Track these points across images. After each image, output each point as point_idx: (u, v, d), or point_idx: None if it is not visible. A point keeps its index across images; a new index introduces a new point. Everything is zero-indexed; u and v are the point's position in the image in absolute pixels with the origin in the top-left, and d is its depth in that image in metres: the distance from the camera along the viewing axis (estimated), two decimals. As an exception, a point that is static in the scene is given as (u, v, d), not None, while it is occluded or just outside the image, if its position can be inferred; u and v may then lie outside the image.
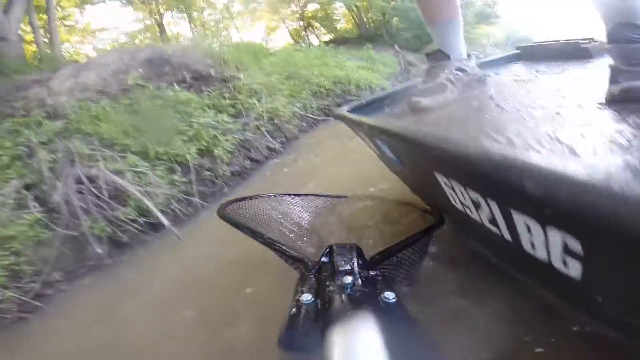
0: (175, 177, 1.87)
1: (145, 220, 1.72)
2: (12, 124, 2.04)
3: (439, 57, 1.02)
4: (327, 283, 0.33)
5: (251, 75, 3.26)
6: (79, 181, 1.72)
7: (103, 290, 1.44)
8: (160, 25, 8.85)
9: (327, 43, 9.67)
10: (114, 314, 1.22)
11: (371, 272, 0.38)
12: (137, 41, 8.40)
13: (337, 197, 0.79)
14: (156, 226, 1.73)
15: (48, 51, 4.76)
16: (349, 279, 0.33)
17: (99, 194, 1.69)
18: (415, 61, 7.69)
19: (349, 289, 0.31)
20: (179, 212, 1.77)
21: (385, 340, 0.23)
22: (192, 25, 9.55)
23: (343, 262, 0.38)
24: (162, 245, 1.67)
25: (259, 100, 2.84)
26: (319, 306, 0.31)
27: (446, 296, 0.73)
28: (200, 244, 1.61)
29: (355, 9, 11.70)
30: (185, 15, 9.31)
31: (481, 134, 0.57)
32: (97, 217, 1.65)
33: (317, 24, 11.33)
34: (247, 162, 2.27)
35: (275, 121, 2.80)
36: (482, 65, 1.18)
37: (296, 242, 0.75)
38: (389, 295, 0.32)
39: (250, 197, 0.71)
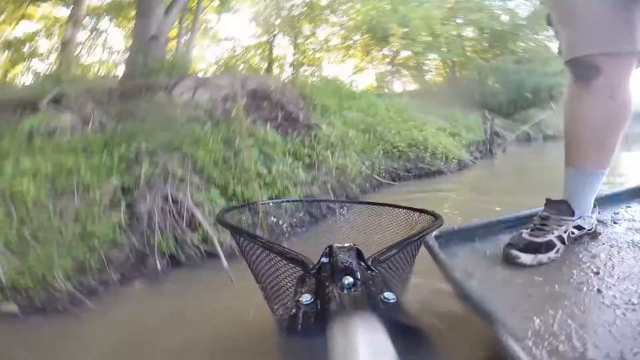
0: (243, 217, 2.05)
1: (205, 249, 1.91)
2: (131, 127, 2.43)
3: (561, 209, 0.89)
4: (327, 283, 0.34)
5: (332, 123, 3.45)
6: (165, 199, 1.98)
7: (148, 304, 1.62)
8: (271, 45, 9.87)
9: (411, 94, 9.75)
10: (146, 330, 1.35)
11: (371, 273, 0.38)
12: (249, 55, 9.55)
13: (336, 201, 0.81)
14: (213, 257, 1.91)
15: (183, 48, 5.54)
16: (348, 280, 0.33)
17: (177, 217, 1.94)
18: (502, 132, 7.26)
19: (348, 289, 0.32)
20: (235, 251, 1.94)
21: (386, 340, 0.24)
22: (295, 50, 10.42)
23: (343, 263, 0.38)
24: (212, 278, 1.83)
25: (332, 154, 2.99)
26: (319, 307, 0.31)
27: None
28: (248, 287, 1.73)
29: (449, 63, 11.63)
30: (292, 39, 10.22)
31: (573, 343, 0.56)
32: (169, 235, 1.88)
33: (405, 72, 11.50)
34: (307, 218, 2.40)
35: (341, 178, 2.91)
36: (598, 201, 1.02)
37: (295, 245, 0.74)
38: (389, 296, 0.32)
39: (250, 204, 0.73)
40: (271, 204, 0.78)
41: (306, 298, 0.32)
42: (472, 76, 11.05)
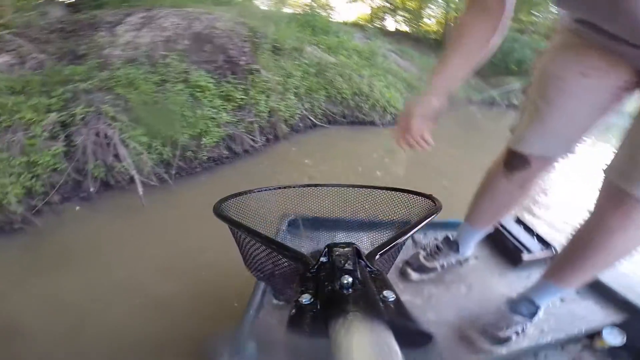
0: (166, 149, 2.47)
1: (129, 176, 2.36)
2: (70, 70, 2.67)
3: (451, 246, 1.18)
4: (327, 283, 0.34)
5: (281, 65, 3.66)
6: (97, 134, 2.37)
7: (85, 223, 2.12)
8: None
9: (400, 37, 9.38)
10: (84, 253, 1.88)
11: (370, 271, 0.38)
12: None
13: (339, 185, 0.78)
14: (134, 184, 2.37)
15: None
16: (348, 279, 0.33)
17: (106, 149, 2.35)
18: (458, 97, 6.77)
19: (348, 289, 0.32)
20: (154, 180, 2.39)
21: (387, 340, 0.25)
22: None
23: (342, 262, 0.38)
24: (129, 201, 2.32)
25: (268, 97, 3.29)
26: (319, 306, 0.32)
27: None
28: (160, 211, 2.23)
29: (450, 16, 10.86)
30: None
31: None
32: (100, 163, 2.31)
33: (403, 13, 10.79)
34: (226, 152, 2.81)
35: (272, 119, 3.25)
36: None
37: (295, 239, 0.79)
38: (389, 295, 0.32)
39: (248, 192, 0.69)
40: (271, 190, 0.73)
41: (306, 298, 0.32)
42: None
